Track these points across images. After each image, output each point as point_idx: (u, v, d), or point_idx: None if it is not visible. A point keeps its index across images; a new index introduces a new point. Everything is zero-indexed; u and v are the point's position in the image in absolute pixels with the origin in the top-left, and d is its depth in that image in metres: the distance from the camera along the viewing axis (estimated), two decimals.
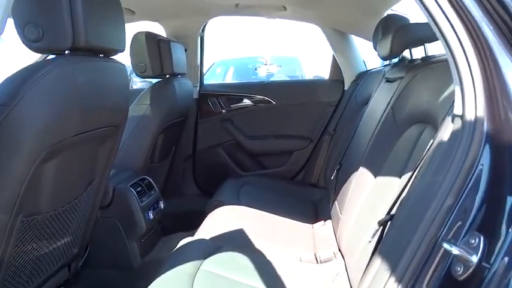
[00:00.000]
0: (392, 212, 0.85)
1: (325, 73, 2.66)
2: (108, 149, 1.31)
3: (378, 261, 0.76)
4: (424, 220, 0.65)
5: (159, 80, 1.91)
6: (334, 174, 1.71)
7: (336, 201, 1.58)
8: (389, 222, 0.83)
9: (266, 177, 2.30)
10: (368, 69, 2.27)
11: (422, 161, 0.77)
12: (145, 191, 1.63)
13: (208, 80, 5.63)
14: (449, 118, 0.75)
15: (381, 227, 0.82)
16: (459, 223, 0.62)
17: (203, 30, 2.35)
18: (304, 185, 2.31)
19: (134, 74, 1.93)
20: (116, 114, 1.24)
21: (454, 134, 0.67)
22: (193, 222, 1.68)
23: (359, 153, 1.46)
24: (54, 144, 0.98)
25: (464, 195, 0.62)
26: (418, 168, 0.78)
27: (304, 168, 2.41)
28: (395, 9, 1.93)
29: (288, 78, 5.22)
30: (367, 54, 2.41)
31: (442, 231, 0.63)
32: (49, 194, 1.07)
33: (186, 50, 2.24)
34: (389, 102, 1.33)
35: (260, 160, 2.44)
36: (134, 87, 4.58)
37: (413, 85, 1.20)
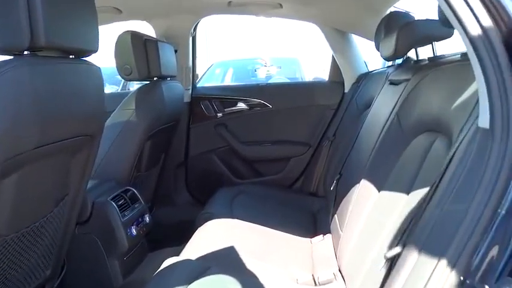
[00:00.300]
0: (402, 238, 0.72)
1: (325, 74, 2.53)
2: (82, 160, 1.18)
3: None
4: (444, 259, 0.52)
5: (146, 83, 1.79)
6: (333, 184, 1.58)
7: (335, 215, 1.45)
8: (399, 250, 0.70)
9: (262, 185, 2.18)
10: (370, 70, 2.13)
11: (437, 181, 0.64)
12: (128, 204, 1.50)
13: (207, 81, 5.53)
14: (470, 129, 0.62)
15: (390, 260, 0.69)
16: (489, 266, 0.49)
17: (195, 30, 2.22)
18: (303, 194, 2.18)
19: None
20: (89, 122, 1.11)
21: (480, 151, 0.54)
22: (185, 233, 1.55)
23: (360, 163, 1.33)
24: (10, 158, 0.85)
25: (494, 229, 0.49)
26: (433, 189, 0.65)
27: (303, 176, 2.28)
28: (399, 7, 1.81)
29: (288, 80, 5.10)
30: (368, 55, 2.29)
31: (467, 275, 0.50)
32: (9, 215, 0.94)
33: (176, 51, 2.12)
34: (394, 107, 1.20)
35: (256, 167, 2.31)
36: (131, 88, 4.47)
37: (421, 88, 1.07)
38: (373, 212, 1.08)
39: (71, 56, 1.03)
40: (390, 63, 1.88)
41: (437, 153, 0.89)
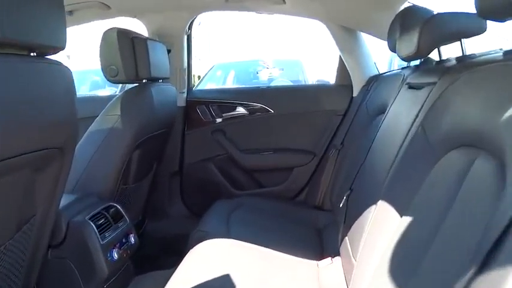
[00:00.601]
0: None
1: (329, 77, 2.36)
2: (51, 176, 1.01)
3: None
4: None
5: (135, 85, 1.61)
6: (343, 200, 1.40)
7: (346, 237, 1.27)
8: None
9: (262, 197, 2.01)
10: (381, 72, 1.95)
11: (505, 227, 0.46)
12: (110, 223, 1.33)
13: (208, 83, 5.38)
14: None
15: None
16: None
17: (190, 28, 2.05)
18: (307, 207, 2.00)
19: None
20: (57, 132, 0.94)
21: None
22: (180, 249, 1.41)
23: (376, 178, 1.15)
24: None
25: None
26: (496, 234, 0.46)
27: (307, 187, 2.10)
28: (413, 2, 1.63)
29: (290, 83, 4.94)
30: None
31: None
32: None
33: (170, 51, 1.95)
34: (416, 115, 1.02)
35: (256, 177, 2.14)
36: None
37: (452, 94, 0.89)
38: (394, 242, 0.90)
39: (32, 54, 0.86)
40: (400, 63, 1.71)
41: (480, 174, 0.71)
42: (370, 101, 1.74)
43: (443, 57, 1.24)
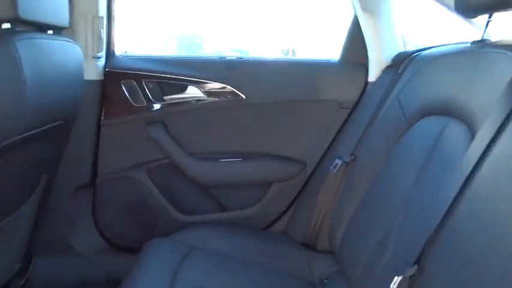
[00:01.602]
0: None
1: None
2: None
3: None
4: None
5: None
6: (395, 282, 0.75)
7: None
8: None
9: (224, 228, 1.32)
10: (426, 47, 1.28)
11: None
12: None
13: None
14: None
15: None
16: None
17: None
18: (290, 243, 1.34)
19: None
20: None
21: None
22: None
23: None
24: None
25: None
26: None
27: (288, 213, 1.44)
28: None
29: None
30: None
31: None
32: None
33: None
34: None
35: (214, 195, 1.43)
36: None
37: None
38: None
39: None
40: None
41: None
42: (407, 93, 1.10)
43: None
